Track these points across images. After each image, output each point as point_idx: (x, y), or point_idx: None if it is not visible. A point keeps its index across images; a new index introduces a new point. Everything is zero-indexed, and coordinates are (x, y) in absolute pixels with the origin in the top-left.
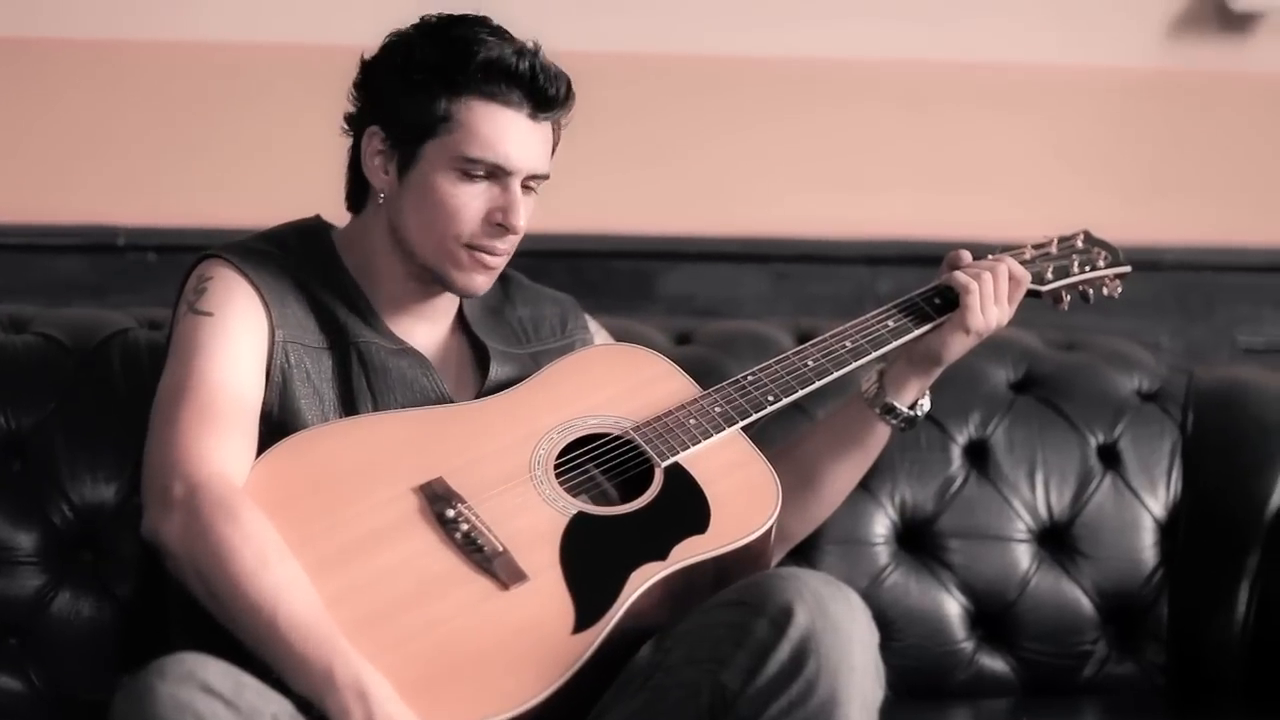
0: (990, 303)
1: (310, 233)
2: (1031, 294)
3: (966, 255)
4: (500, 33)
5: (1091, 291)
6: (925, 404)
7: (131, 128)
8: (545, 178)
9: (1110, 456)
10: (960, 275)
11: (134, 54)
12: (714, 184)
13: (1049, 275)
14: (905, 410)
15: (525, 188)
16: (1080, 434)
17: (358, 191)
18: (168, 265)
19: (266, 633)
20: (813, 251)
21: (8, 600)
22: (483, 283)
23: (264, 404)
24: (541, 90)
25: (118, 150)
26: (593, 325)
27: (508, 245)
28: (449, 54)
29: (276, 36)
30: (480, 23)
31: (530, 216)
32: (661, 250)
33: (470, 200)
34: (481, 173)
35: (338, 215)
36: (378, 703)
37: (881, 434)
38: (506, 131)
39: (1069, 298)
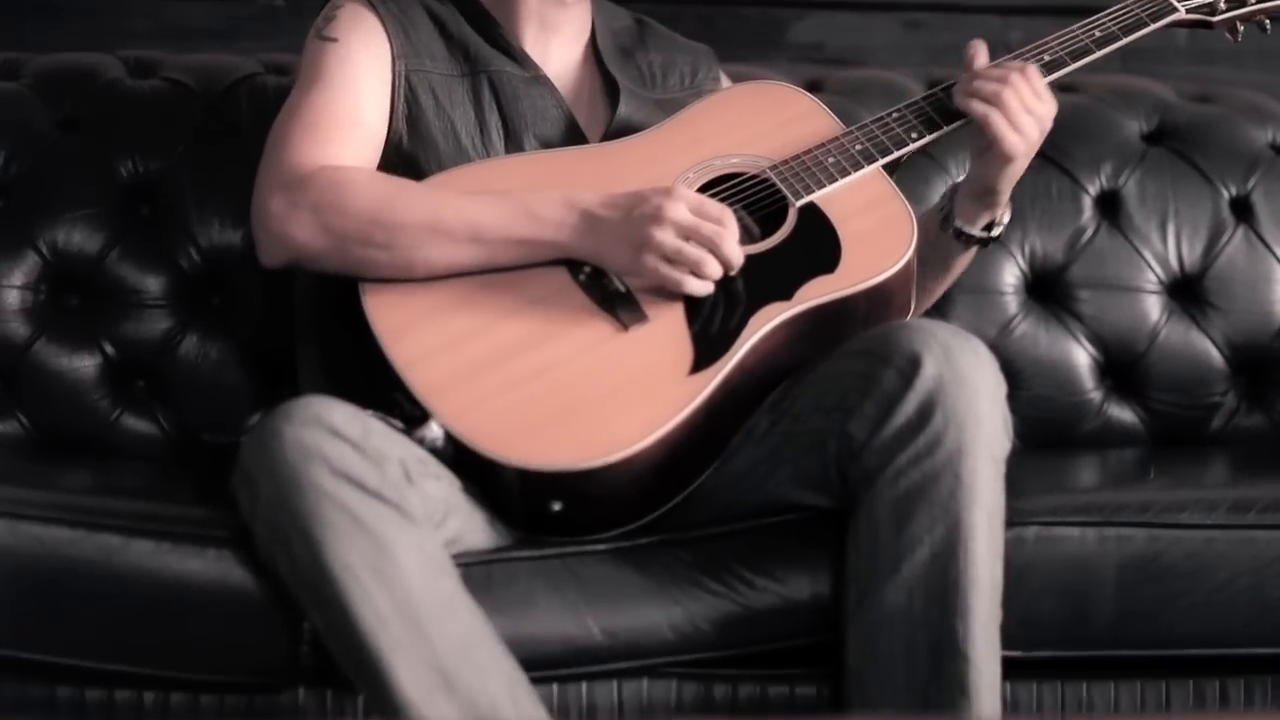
0: (1021, 117)
1: None
2: (1201, 24)
3: (981, 57)
4: None
5: (1269, 22)
6: (1005, 217)
7: None
8: None
9: (1243, 209)
10: (976, 106)
11: None
12: None
13: (1221, 5)
14: (978, 234)
15: None
16: (1213, 186)
17: None
18: (296, 11)
19: (437, 239)
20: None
21: (136, 343)
22: None
23: (392, 133)
24: None
25: None
26: (726, 81)
27: None
28: None
29: None
30: None
31: None
32: None
33: None
34: None
35: None
36: (585, 202)
37: (961, 253)
38: None
39: (1243, 28)
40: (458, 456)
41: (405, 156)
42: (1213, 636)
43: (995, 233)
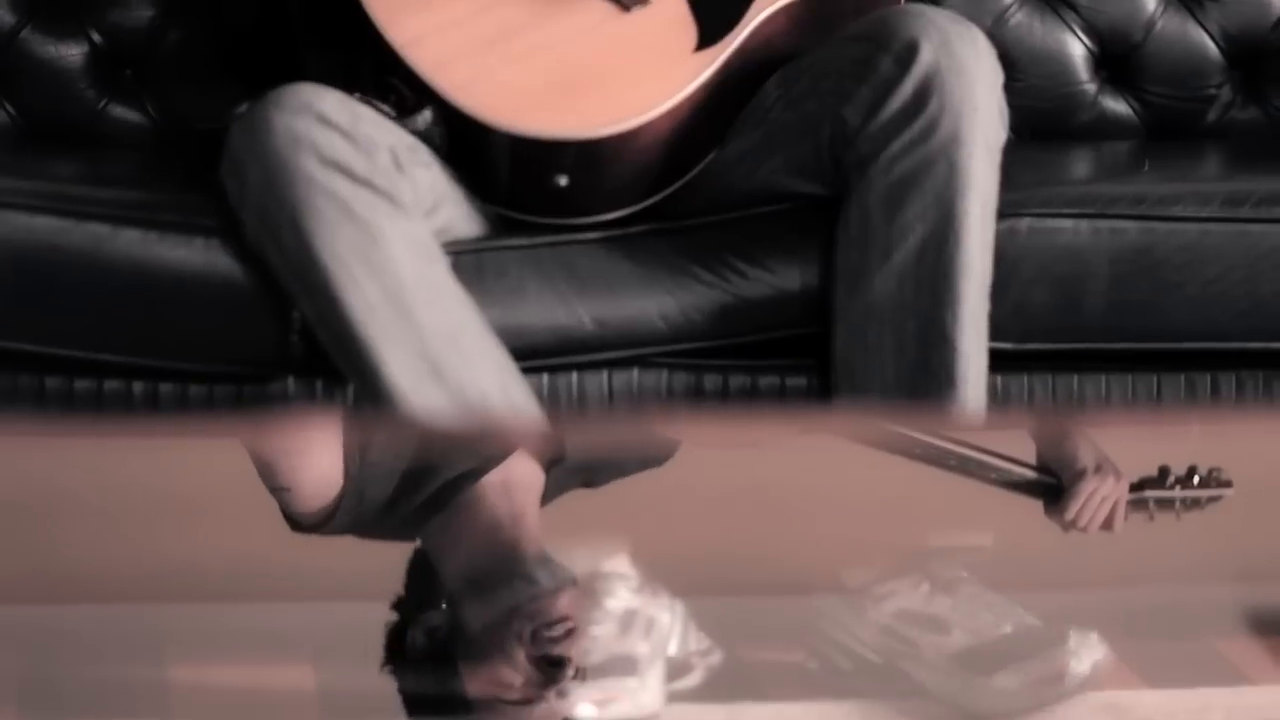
0: None
1: None
2: None
3: None
4: None
5: None
6: None
7: None
8: None
9: None
10: None
11: None
12: None
13: None
14: None
15: None
16: None
17: None
18: None
19: None
20: None
21: (120, 30)
22: None
23: None
24: None
25: None
26: None
27: None
28: None
29: None
30: None
31: None
32: None
33: None
34: None
35: None
36: None
37: None
38: None
39: None
40: (453, 140)
41: None
42: (1205, 330)
43: None
